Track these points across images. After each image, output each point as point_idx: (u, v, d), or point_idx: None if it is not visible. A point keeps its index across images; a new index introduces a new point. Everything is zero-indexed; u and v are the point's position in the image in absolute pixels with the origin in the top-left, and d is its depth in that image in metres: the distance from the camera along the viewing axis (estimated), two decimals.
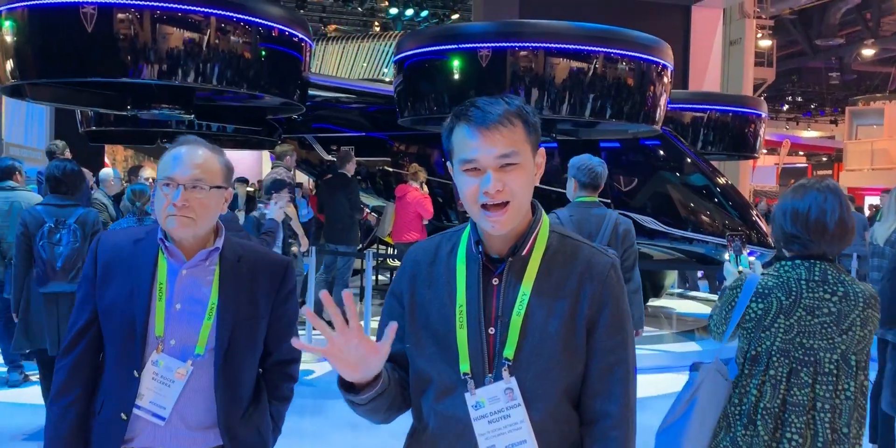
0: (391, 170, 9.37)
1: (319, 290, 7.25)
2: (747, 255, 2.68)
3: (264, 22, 5.51)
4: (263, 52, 5.55)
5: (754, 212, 7.56)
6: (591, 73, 6.00)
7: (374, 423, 1.53)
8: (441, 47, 6.29)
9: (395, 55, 6.93)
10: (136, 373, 1.75)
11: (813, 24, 22.97)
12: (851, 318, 2.10)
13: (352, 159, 7.47)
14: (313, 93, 6.80)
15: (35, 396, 4.83)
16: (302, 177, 11.87)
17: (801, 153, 31.99)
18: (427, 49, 6.38)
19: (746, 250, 2.68)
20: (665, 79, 6.49)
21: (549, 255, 1.43)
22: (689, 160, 7.70)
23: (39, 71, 5.37)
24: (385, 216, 8.42)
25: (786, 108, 32.48)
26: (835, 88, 29.21)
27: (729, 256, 2.58)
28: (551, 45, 5.99)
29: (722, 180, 7.67)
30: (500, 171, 1.35)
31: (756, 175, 21.82)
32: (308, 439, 4.48)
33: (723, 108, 9.33)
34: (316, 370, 5.71)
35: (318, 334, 1.34)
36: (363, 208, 7.81)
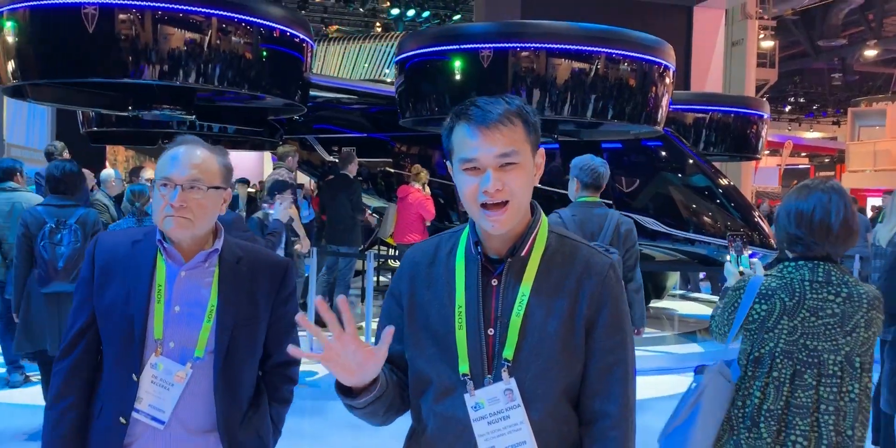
0: (392, 171, 9.37)
1: (321, 291, 7.27)
2: (749, 256, 2.66)
3: (265, 22, 5.50)
4: (265, 53, 5.55)
5: (756, 213, 7.54)
6: (592, 73, 5.99)
7: (365, 426, 1.52)
8: (442, 48, 6.28)
9: (396, 56, 6.92)
10: (135, 376, 1.73)
11: (815, 25, 22.96)
12: (855, 320, 2.08)
13: (354, 160, 7.46)
14: (314, 93, 6.79)
15: (36, 397, 4.83)
16: (303, 178, 11.87)
17: (803, 154, 31.98)
18: (428, 50, 6.37)
19: (747, 251, 2.65)
20: (667, 79, 6.48)
21: (548, 255, 1.43)
22: (691, 161, 7.68)
23: (41, 71, 5.37)
24: (387, 217, 8.42)
25: (788, 108, 32.48)
26: (837, 89, 29.22)
27: (730, 257, 2.57)
28: (553, 46, 5.98)
29: (724, 181, 7.65)
30: (500, 171, 1.35)
31: (758, 176, 21.80)
32: (308, 440, 4.47)
33: (725, 108, 9.31)
34: (318, 372, 5.70)
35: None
36: (365, 209, 7.81)
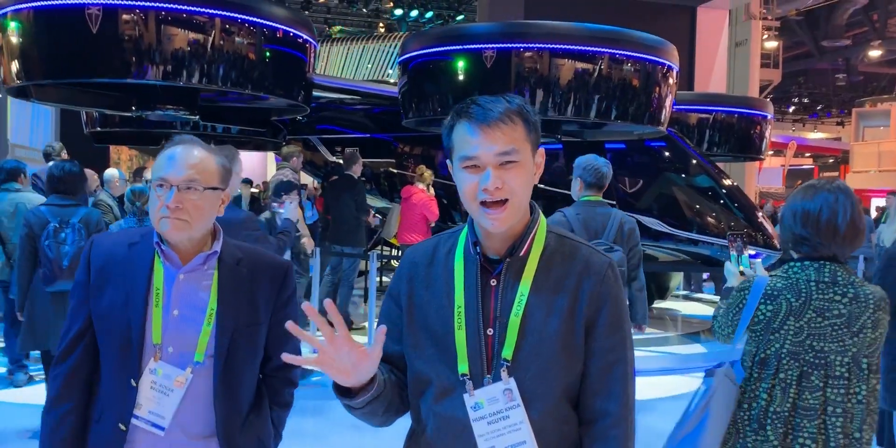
0: (395, 171, 9.37)
1: (325, 291, 7.28)
2: (752, 256, 2.64)
3: (269, 23, 5.51)
4: (268, 54, 5.56)
5: (760, 213, 7.53)
6: (596, 74, 5.98)
7: (372, 427, 1.52)
8: (446, 48, 6.28)
9: (399, 56, 6.92)
10: (134, 382, 1.70)
11: (819, 26, 22.92)
12: (862, 321, 2.06)
13: (358, 161, 7.46)
14: (318, 94, 6.80)
15: (40, 396, 4.82)
16: (306, 178, 11.86)
17: (807, 155, 31.92)
18: (432, 50, 6.37)
19: (748, 251, 2.64)
20: (670, 80, 6.47)
21: (547, 255, 1.43)
22: (694, 161, 7.67)
23: (45, 72, 5.39)
24: (390, 217, 8.41)
25: (792, 109, 32.42)
26: (841, 90, 29.16)
27: (731, 257, 2.55)
28: (556, 46, 5.98)
29: (727, 182, 7.64)
30: (500, 169, 1.35)
31: (762, 177, 21.76)
32: (310, 440, 4.47)
33: (728, 109, 9.31)
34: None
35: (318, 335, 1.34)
36: (369, 210, 7.80)
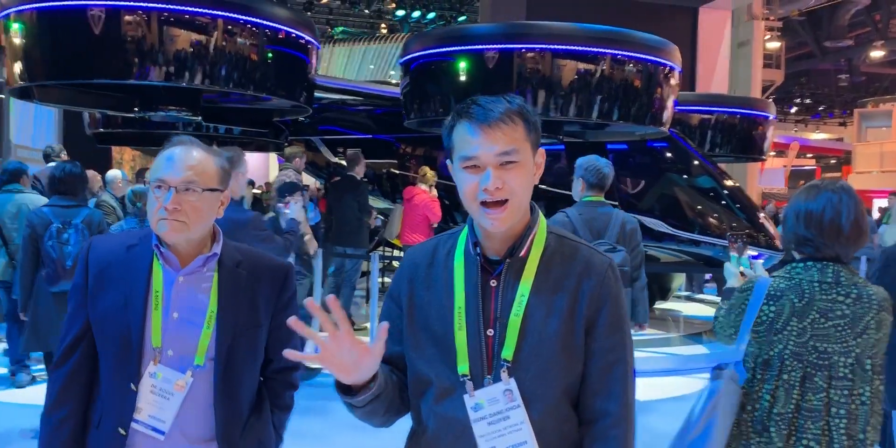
0: (397, 172, 9.37)
1: (328, 292, 7.28)
2: (753, 257, 2.64)
3: (271, 24, 5.52)
4: (270, 55, 5.56)
5: (762, 214, 7.52)
6: (598, 74, 5.99)
7: (374, 427, 1.52)
8: (448, 49, 6.29)
9: (401, 57, 6.93)
10: (134, 386, 1.68)
11: (822, 26, 22.89)
12: (866, 321, 2.05)
13: (361, 162, 7.46)
14: (320, 95, 6.80)
15: (42, 397, 4.83)
16: (308, 179, 11.87)
17: (809, 155, 31.88)
18: (434, 51, 6.38)
19: (749, 252, 2.63)
20: (672, 81, 6.47)
21: (547, 255, 1.43)
22: (696, 162, 7.67)
23: (47, 73, 5.40)
24: (393, 218, 8.41)
25: (794, 110, 32.39)
26: (844, 90, 29.12)
27: (731, 257, 2.54)
28: (558, 47, 5.98)
29: (730, 182, 7.63)
30: (500, 169, 1.36)
31: (764, 177, 21.73)
32: (312, 440, 4.47)
33: (730, 110, 9.30)
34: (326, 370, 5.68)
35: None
36: (372, 211, 7.80)
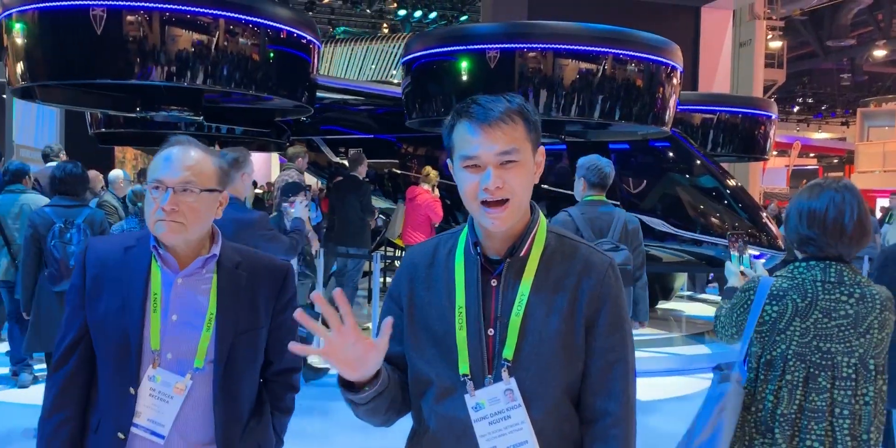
0: (399, 172, 9.37)
1: (330, 293, 7.26)
2: (755, 257, 2.63)
3: (272, 24, 5.51)
4: (272, 54, 5.56)
5: (764, 214, 7.51)
6: (599, 74, 5.98)
7: (374, 426, 1.52)
8: (449, 48, 6.28)
9: (403, 57, 6.92)
10: (133, 389, 1.66)
11: (824, 25, 22.86)
12: (869, 321, 2.04)
13: (363, 162, 7.46)
14: (321, 95, 6.80)
15: None
16: (309, 179, 11.88)
17: (811, 155, 31.86)
18: (435, 50, 6.37)
19: (750, 251, 2.62)
20: (674, 80, 6.46)
21: (548, 254, 1.43)
22: (698, 162, 7.66)
23: (49, 73, 5.40)
24: (395, 218, 8.41)
25: (796, 109, 32.37)
26: (846, 90, 29.10)
27: (731, 257, 2.53)
28: (560, 47, 5.97)
29: (732, 182, 7.62)
30: (501, 169, 1.36)
31: (766, 177, 21.73)
32: (315, 441, 4.47)
33: (733, 109, 9.28)
34: (332, 369, 5.66)
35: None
36: (374, 211, 7.80)
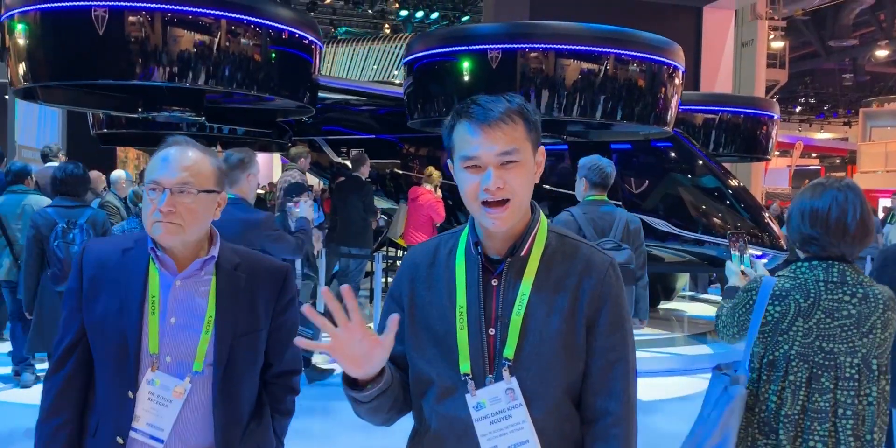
0: (401, 172, 9.37)
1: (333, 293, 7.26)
2: (757, 257, 2.63)
3: (274, 24, 5.52)
4: (273, 55, 5.56)
5: (766, 214, 7.50)
6: (601, 74, 5.97)
7: (375, 426, 1.52)
8: (451, 49, 6.27)
9: (405, 57, 6.92)
10: (131, 393, 1.65)
11: (826, 25, 22.85)
12: (872, 321, 2.03)
13: (366, 162, 7.46)
14: (323, 95, 6.80)
15: None
16: (311, 179, 11.87)
17: (814, 155, 31.83)
18: (437, 51, 6.37)
19: (748, 249, 2.62)
20: (676, 80, 6.45)
21: (548, 254, 1.43)
22: (700, 162, 7.65)
23: (51, 74, 5.41)
24: (397, 218, 8.42)
25: (798, 109, 32.35)
26: (848, 90, 29.08)
27: (732, 256, 2.53)
28: (562, 47, 5.96)
29: (734, 182, 7.62)
30: (501, 169, 1.36)
31: (768, 177, 21.71)
32: (318, 441, 4.46)
33: (735, 109, 9.26)
34: (337, 370, 5.66)
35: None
36: (377, 211, 7.80)
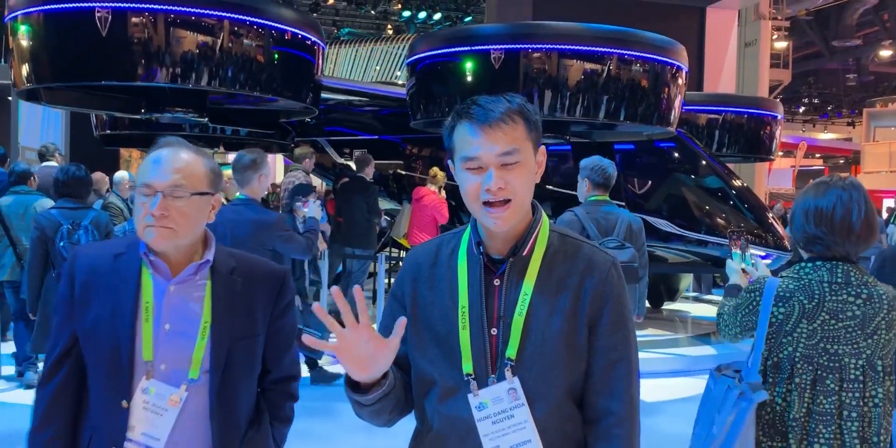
0: (403, 173, 9.37)
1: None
2: (761, 257, 2.62)
3: (277, 25, 5.52)
4: (276, 56, 5.56)
5: (770, 214, 7.49)
6: (604, 74, 5.96)
7: (377, 427, 1.52)
8: (454, 49, 6.27)
9: (407, 58, 6.92)
10: (125, 403, 1.60)
11: (829, 25, 22.83)
12: (876, 322, 2.01)
13: (370, 163, 7.46)
14: (326, 96, 6.80)
15: None
16: (314, 180, 11.87)
17: (817, 155, 31.77)
18: (440, 51, 6.36)
19: (750, 248, 2.61)
20: (680, 80, 6.44)
21: (550, 254, 1.43)
22: (704, 162, 7.63)
23: (55, 75, 5.41)
24: (400, 218, 8.42)
25: (802, 109, 32.30)
26: (852, 90, 29.03)
27: (732, 254, 2.52)
28: (564, 47, 5.95)
29: (737, 183, 7.60)
30: (502, 169, 1.36)
31: (772, 177, 21.65)
32: (320, 442, 4.46)
33: (738, 109, 9.25)
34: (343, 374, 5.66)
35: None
36: (381, 213, 7.80)
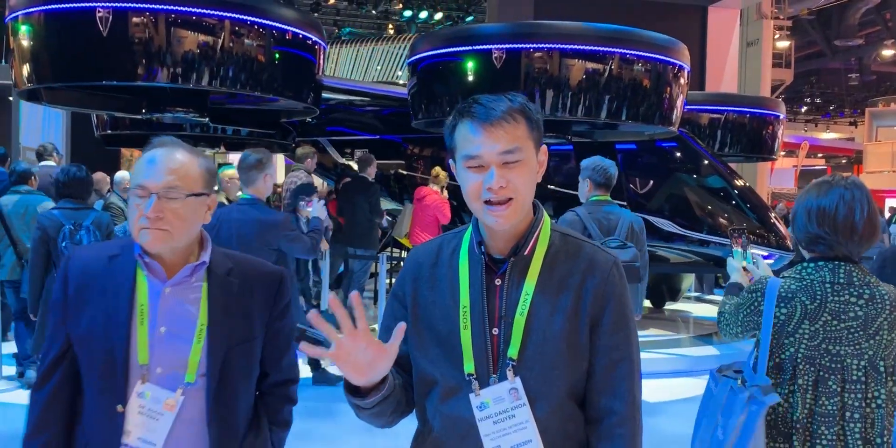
0: (405, 173, 9.36)
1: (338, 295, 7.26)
2: (763, 257, 2.61)
3: (278, 25, 5.52)
4: (277, 56, 5.56)
5: (772, 214, 7.47)
6: (606, 74, 5.95)
7: (377, 428, 1.52)
8: (455, 49, 6.27)
9: (409, 57, 6.92)
10: (121, 407, 1.58)
11: (832, 25, 22.81)
12: (879, 322, 1.99)
13: (372, 163, 7.46)
14: (327, 96, 6.80)
15: None
16: (315, 180, 11.87)
17: (819, 155, 31.73)
18: (441, 51, 6.36)
19: (750, 246, 2.60)
20: (681, 80, 6.43)
21: (552, 253, 1.43)
22: (706, 162, 7.62)
23: (56, 75, 5.42)
24: (402, 217, 8.41)
25: (804, 109, 32.26)
26: (854, 89, 29.00)
27: (733, 252, 2.51)
28: (566, 47, 5.95)
29: (739, 182, 7.59)
30: (504, 168, 1.36)
31: (774, 177, 21.65)
32: (320, 443, 4.45)
33: (740, 109, 9.25)
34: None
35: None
36: (383, 213, 7.79)
